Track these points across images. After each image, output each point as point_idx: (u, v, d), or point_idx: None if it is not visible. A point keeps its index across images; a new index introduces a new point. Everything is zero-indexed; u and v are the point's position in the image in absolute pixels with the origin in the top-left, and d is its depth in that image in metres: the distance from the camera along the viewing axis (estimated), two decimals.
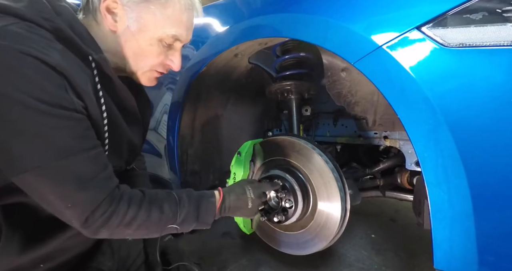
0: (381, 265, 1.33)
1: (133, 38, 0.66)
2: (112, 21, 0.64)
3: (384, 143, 1.09)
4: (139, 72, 0.72)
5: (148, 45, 0.67)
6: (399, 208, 2.01)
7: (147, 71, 0.72)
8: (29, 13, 0.53)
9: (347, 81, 0.99)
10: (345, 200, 0.88)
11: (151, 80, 0.75)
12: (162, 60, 0.72)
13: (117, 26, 0.65)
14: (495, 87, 0.53)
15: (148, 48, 0.68)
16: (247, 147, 1.05)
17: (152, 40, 0.67)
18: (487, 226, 0.55)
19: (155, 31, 0.66)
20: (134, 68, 0.70)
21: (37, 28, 0.53)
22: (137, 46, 0.67)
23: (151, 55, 0.69)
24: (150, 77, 0.74)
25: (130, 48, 0.67)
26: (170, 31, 0.67)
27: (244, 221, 1.06)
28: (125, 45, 0.67)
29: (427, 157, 0.60)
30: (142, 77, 0.73)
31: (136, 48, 0.67)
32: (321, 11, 0.74)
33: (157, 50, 0.69)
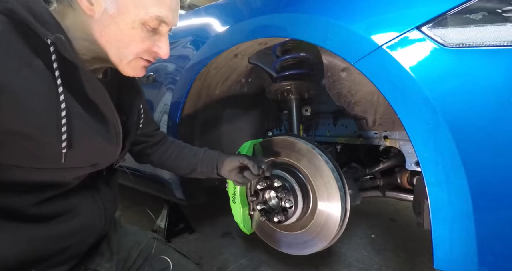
0: (381, 265, 1.33)
1: (112, 22, 0.58)
2: (87, 4, 0.57)
3: (384, 143, 1.09)
4: (123, 62, 0.63)
5: (130, 29, 0.59)
6: (399, 208, 2.01)
7: (132, 60, 0.64)
8: None
9: (347, 81, 0.99)
10: (345, 200, 0.88)
11: (138, 70, 0.67)
12: (147, 47, 0.64)
13: (93, 10, 0.57)
14: (495, 87, 0.53)
15: (131, 33, 0.60)
16: (247, 147, 1.05)
17: (134, 23, 0.59)
18: (487, 226, 0.55)
19: (137, 13, 0.58)
20: (118, 57, 0.62)
21: None
22: (118, 30, 0.59)
23: (134, 41, 0.61)
24: (137, 66, 0.66)
25: (111, 34, 0.59)
26: (153, 11, 0.59)
27: (244, 221, 1.06)
28: (105, 31, 0.59)
29: (427, 157, 0.60)
30: (128, 67, 0.65)
31: (117, 34, 0.60)
32: (321, 11, 0.74)
33: (140, 35, 0.61)
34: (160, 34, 0.65)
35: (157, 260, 0.88)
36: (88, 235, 0.74)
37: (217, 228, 1.74)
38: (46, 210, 0.63)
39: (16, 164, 0.56)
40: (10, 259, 0.59)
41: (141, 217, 1.95)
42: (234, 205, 1.07)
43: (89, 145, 0.64)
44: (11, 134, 0.51)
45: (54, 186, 0.64)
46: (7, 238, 0.58)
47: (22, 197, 0.59)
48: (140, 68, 0.67)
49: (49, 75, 0.53)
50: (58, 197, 0.66)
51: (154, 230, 1.66)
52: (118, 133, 0.71)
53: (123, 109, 0.75)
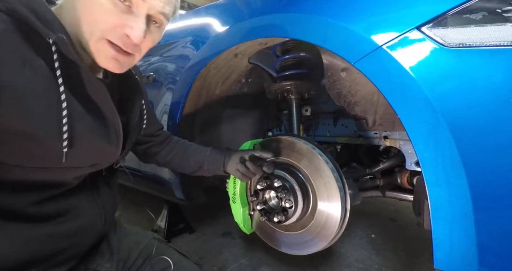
0: (381, 265, 1.33)
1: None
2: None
3: (384, 143, 1.09)
4: (92, 41, 0.56)
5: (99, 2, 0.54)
6: (399, 208, 2.01)
7: (99, 41, 0.57)
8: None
9: (347, 81, 0.99)
10: (345, 200, 0.88)
11: (108, 60, 0.59)
12: (115, 23, 0.56)
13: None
14: (495, 87, 0.53)
15: (97, 5, 0.54)
16: (247, 147, 1.05)
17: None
18: (487, 226, 0.55)
19: None
20: (88, 35, 0.56)
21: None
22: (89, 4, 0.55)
23: (100, 13, 0.55)
24: (105, 52, 0.58)
25: (81, 8, 0.55)
26: None
27: (244, 221, 1.06)
28: (78, 6, 0.55)
29: (427, 157, 0.60)
30: (96, 50, 0.58)
31: (86, 5, 0.55)
32: (321, 11, 0.74)
33: (108, 7, 0.54)
34: (135, 14, 0.57)
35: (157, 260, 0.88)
36: (88, 235, 0.73)
37: (217, 228, 1.74)
38: (45, 210, 0.63)
39: (17, 163, 0.56)
40: (10, 259, 0.59)
41: (141, 217, 1.95)
42: (234, 205, 1.07)
43: (89, 144, 0.63)
44: (13, 133, 0.51)
45: (54, 185, 0.64)
46: (6, 237, 0.58)
47: (22, 196, 0.59)
48: (108, 58, 0.59)
49: (51, 74, 0.52)
50: (58, 197, 0.66)
51: (154, 230, 1.65)
52: (118, 134, 0.70)
53: (124, 109, 0.74)
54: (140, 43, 0.59)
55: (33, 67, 0.50)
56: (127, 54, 0.60)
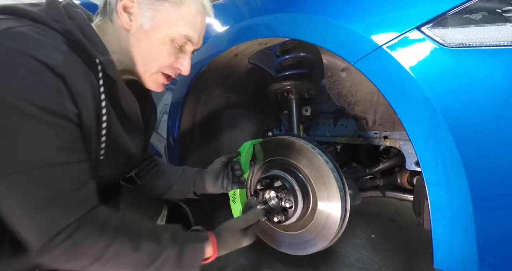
0: (381, 265, 1.33)
1: (145, 37, 0.66)
2: (127, 20, 0.65)
3: (384, 143, 1.09)
4: (147, 74, 0.70)
5: (160, 44, 0.66)
6: (399, 208, 2.01)
7: (154, 73, 0.70)
8: (43, 16, 0.56)
9: (347, 81, 0.99)
10: (345, 200, 0.88)
11: (158, 85, 0.73)
12: (172, 62, 0.70)
13: (131, 25, 0.65)
14: (495, 87, 0.53)
15: (160, 48, 0.67)
16: (247, 147, 1.05)
17: (165, 39, 0.66)
18: (487, 226, 0.55)
19: (168, 30, 0.66)
20: (143, 68, 0.69)
21: (47, 30, 0.55)
22: (149, 44, 0.66)
23: (161, 55, 0.68)
24: (158, 81, 0.72)
25: (142, 47, 0.67)
26: (183, 30, 0.67)
27: None
28: (137, 44, 0.66)
29: (427, 157, 0.60)
30: (150, 80, 0.71)
31: (147, 47, 0.67)
32: (321, 11, 0.74)
33: (168, 50, 0.68)
34: (185, 52, 0.72)
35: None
36: None
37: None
38: None
39: None
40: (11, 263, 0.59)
41: (141, 217, 1.95)
42: (234, 205, 1.07)
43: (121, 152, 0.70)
44: None
45: None
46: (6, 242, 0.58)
47: None
48: (161, 84, 0.74)
49: (97, 88, 0.60)
50: None
51: None
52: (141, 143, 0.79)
53: None
54: None
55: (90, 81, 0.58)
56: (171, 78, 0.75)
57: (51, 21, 0.56)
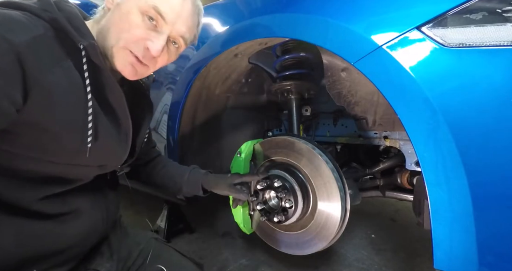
0: (381, 265, 1.33)
1: (117, 8, 0.63)
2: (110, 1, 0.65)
3: (384, 143, 1.09)
4: (114, 48, 0.63)
5: (128, 13, 0.62)
6: (399, 208, 2.01)
7: (121, 48, 0.63)
8: (32, 7, 0.57)
9: (347, 81, 0.99)
10: (345, 200, 0.88)
11: (126, 65, 0.65)
12: (139, 36, 0.63)
13: (112, 3, 0.65)
14: (495, 87, 0.53)
15: (127, 17, 0.62)
16: (247, 147, 1.05)
17: (133, 8, 0.62)
18: (487, 226, 0.55)
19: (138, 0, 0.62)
20: (111, 42, 0.63)
21: (33, 16, 0.55)
22: (118, 15, 0.63)
23: (128, 25, 0.62)
24: (125, 58, 0.64)
25: (112, 20, 0.64)
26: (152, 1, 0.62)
27: (244, 221, 1.06)
28: (111, 17, 0.64)
29: (427, 157, 0.60)
30: (117, 56, 0.64)
31: (117, 18, 0.63)
32: (321, 11, 0.74)
33: (135, 20, 0.62)
34: (159, 32, 0.65)
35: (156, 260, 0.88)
36: (89, 236, 0.74)
37: (217, 228, 1.74)
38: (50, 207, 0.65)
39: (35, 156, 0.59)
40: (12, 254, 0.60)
41: (141, 217, 1.95)
42: None
43: (103, 144, 0.66)
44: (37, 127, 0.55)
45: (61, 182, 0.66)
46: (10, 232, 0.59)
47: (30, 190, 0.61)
48: (128, 64, 0.65)
49: (78, 75, 0.58)
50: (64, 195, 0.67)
51: (154, 230, 1.65)
52: (128, 138, 0.74)
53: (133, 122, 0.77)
54: (157, 56, 0.66)
55: (63, 67, 0.56)
56: (143, 65, 0.67)
57: (39, 10, 0.57)
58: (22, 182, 0.60)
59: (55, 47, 0.56)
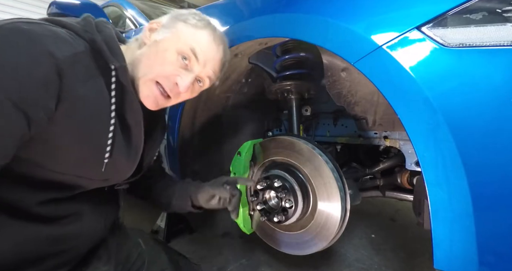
0: (381, 265, 1.33)
1: (155, 45, 0.70)
2: (147, 36, 0.71)
3: (384, 143, 1.09)
4: (143, 78, 0.68)
5: (164, 51, 0.69)
6: (399, 208, 2.01)
7: (149, 80, 0.68)
8: (75, 26, 0.63)
9: (347, 81, 0.99)
10: (345, 200, 0.88)
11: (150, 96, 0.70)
12: (171, 72, 0.69)
13: (149, 39, 0.71)
14: (495, 87, 0.53)
15: (164, 54, 0.69)
16: (247, 147, 1.05)
17: (171, 47, 0.69)
18: (487, 226, 0.55)
19: (177, 40, 0.69)
20: (142, 72, 0.68)
21: (75, 36, 0.61)
22: (155, 50, 0.69)
23: (163, 61, 0.69)
24: (151, 90, 0.69)
25: (148, 54, 0.70)
26: (191, 44, 0.70)
27: (244, 221, 1.06)
28: (146, 52, 0.70)
29: (427, 157, 0.60)
30: (144, 85, 0.69)
31: (153, 53, 0.69)
32: (321, 11, 0.74)
33: (171, 58, 0.69)
34: (189, 70, 0.71)
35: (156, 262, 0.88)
36: (87, 240, 0.74)
37: (217, 228, 1.74)
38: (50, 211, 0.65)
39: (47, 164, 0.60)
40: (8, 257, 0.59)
41: (141, 218, 1.95)
42: None
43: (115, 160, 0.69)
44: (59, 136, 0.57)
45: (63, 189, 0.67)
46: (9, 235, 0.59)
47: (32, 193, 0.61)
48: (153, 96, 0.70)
49: (107, 93, 0.62)
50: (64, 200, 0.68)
51: (154, 230, 1.65)
52: (136, 156, 0.76)
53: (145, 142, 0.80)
54: (183, 92, 0.72)
55: (95, 83, 0.60)
56: (167, 98, 0.72)
57: (81, 30, 0.62)
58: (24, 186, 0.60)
59: (90, 65, 0.60)
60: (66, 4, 1.58)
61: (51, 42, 0.53)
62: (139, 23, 1.85)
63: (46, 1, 1.77)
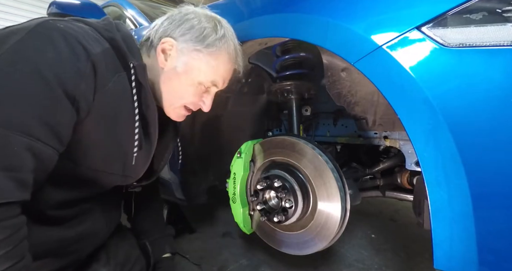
0: (381, 265, 1.33)
1: (176, 77, 0.73)
2: (163, 60, 0.73)
3: (384, 143, 1.09)
4: (171, 107, 0.77)
5: (189, 85, 0.74)
6: (399, 208, 2.01)
7: (177, 108, 0.77)
8: (97, 25, 0.67)
9: (347, 81, 0.99)
10: (345, 200, 0.88)
11: (180, 116, 0.80)
12: (196, 101, 0.77)
13: (166, 64, 0.73)
14: (495, 87, 0.53)
15: (187, 88, 0.74)
16: (247, 147, 1.05)
17: (193, 81, 0.73)
18: (487, 226, 0.55)
19: (197, 75, 0.73)
20: (168, 102, 0.76)
21: (98, 33, 0.64)
22: (178, 84, 0.73)
23: (188, 94, 0.75)
24: (180, 113, 0.79)
25: (171, 85, 0.74)
26: (211, 77, 0.75)
27: (244, 221, 1.06)
28: (168, 82, 0.74)
29: (427, 157, 0.60)
30: (172, 112, 0.78)
31: (176, 86, 0.74)
32: (321, 11, 0.74)
33: (194, 91, 0.75)
34: (209, 92, 0.79)
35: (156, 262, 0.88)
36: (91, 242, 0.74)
37: (217, 228, 1.74)
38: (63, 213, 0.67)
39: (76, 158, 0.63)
40: None
41: None
42: (234, 205, 1.07)
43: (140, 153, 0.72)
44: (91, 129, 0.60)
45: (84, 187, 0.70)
46: None
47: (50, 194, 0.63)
48: (182, 116, 0.80)
49: (129, 87, 0.66)
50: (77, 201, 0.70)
51: None
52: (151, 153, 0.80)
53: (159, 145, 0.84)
54: None
55: (120, 77, 0.64)
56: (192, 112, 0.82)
57: (102, 29, 0.66)
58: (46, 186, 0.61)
59: (115, 61, 0.64)
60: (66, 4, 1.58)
61: (83, 38, 0.57)
62: (139, 23, 1.85)
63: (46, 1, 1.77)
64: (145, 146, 0.75)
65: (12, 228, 0.48)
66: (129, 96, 0.66)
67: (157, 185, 1.11)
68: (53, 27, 0.55)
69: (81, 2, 1.62)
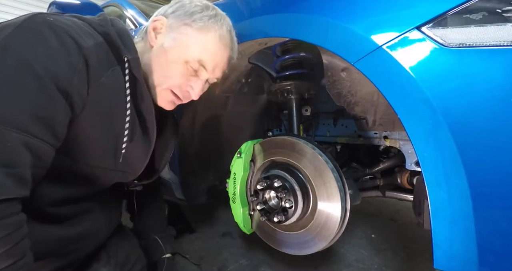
0: (381, 265, 1.33)
1: (163, 54, 0.71)
2: (153, 37, 0.73)
3: (384, 143, 1.09)
4: (158, 88, 0.74)
5: (174, 62, 0.71)
6: (399, 208, 2.01)
7: (164, 90, 0.74)
8: (92, 20, 0.66)
9: (347, 81, 0.99)
10: (345, 200, 0.88)
11: (167, 101, 0.77)
12: (182, 82, 0.74)
13: (156, 42, 0.72)
14: (495, 87, 0.53)
15: (173, 66, 0.71)
16: (247, 147, 1.05)
17: (179, 59, 0.71)
18: (487, 226, 0.55)
19: (184, 52, 0.71)
20: (156, 82, 0.73)
21: (91, 28, 0.64)
22: (164, 61, 0.71)
23: (173, 73, 0.72)
24: (166, 97, 0.75)
25: (158, 63, 0.72)
26: (198, 55, 0.71)
27: (244, 221, 1.06)
28: (156, 59, 0.72)
29: (427, 157, 0.60)
30: (159, 95, 0.75)
31: (162, 63, 0.71)
32: (321, 11, 0.74)
33: (180, 70, 0.72)
34: (198, 77, 0.75)
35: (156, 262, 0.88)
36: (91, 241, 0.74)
37: (217, 228, 1.74)
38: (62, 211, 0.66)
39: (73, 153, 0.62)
40: None
41: None
42: (234, 205, 1.07)
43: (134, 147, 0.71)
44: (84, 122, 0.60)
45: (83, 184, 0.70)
46: None
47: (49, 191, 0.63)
48: (167, 101, 0.76)
49: (123, 81, 0.65)
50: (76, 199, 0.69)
51: None
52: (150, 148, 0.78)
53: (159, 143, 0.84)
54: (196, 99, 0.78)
55: (113, 71, 0.64)
56: (180, 100, 0.78)
57: (97, 24, 0.66)
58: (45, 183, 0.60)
59: (109, 55, 0.64)
60: (66, 4, 1.58)
61: (74, 32, 0.57)
62: (139, 23, 1.85)
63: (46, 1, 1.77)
64: (143, 141, 0.74)
65: (13, 225, 0.48)
66: (123, 91, 0.66)
67: (159, 185, 1.11)
68: (42, 21, 0.54)
69: (81, 2, 1.62)
